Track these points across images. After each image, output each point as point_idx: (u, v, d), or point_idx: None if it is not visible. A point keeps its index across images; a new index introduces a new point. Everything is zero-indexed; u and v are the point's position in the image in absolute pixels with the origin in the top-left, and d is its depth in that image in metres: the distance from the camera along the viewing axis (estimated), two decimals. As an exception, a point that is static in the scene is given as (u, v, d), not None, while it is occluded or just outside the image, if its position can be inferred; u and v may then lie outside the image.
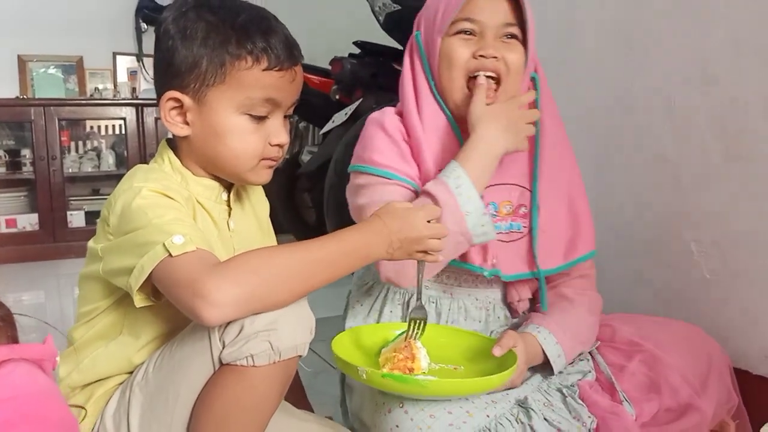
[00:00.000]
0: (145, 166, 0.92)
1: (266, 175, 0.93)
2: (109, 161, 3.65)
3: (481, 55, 1.00)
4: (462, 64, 1.02)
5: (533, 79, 1.08)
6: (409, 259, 0.88)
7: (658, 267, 1.46)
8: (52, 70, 3.70)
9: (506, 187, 1.08)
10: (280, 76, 0.86)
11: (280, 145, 0.90)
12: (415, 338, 0.93)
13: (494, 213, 1.07)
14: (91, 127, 3.74)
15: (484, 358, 0.97)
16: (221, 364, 0.78)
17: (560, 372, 1.04)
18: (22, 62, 3.61)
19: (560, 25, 1.70)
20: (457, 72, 1.02)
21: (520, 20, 1.01)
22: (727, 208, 1.30)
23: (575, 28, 1.66)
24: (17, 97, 3.50)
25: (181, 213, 0.82)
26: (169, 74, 0.87)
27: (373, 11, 2.43)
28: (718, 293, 1.33)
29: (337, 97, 2.76)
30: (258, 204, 1.05)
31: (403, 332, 0.96)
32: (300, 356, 0.80)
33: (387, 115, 1.08)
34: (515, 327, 1.08)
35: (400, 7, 2.22)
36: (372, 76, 2.61)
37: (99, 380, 0.90)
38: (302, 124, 3.79)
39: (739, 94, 1.26)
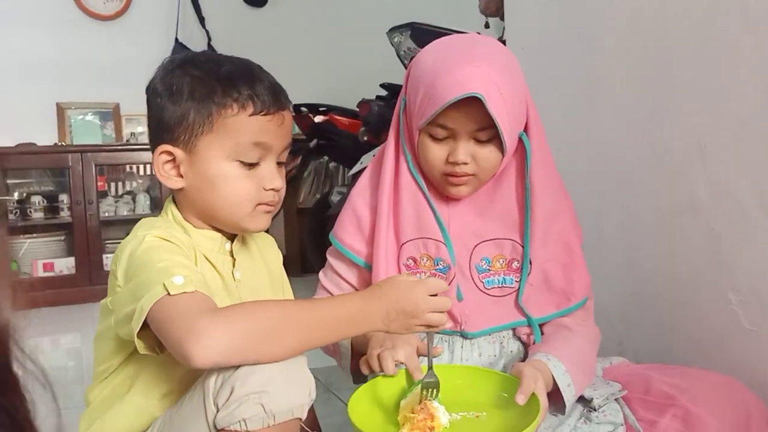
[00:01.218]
0: (150, 219, 0.94)
1: (264, 221, 0.93)
2: (143, 204, 3.72)
3: (452, 162, 1.04)
4: (436, 166, 1.06)
5: (522, 140, 1.09)
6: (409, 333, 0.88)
7: (694, 317, 1.40)
8: (89, 117, 3.81)
9: (498, 242, 1.12)
10: (267, 121, 0.88)
11: (274, 190, 0.91)
12: (430, 400, 0.91)
13: (487, 268, 1.11)
14: (130, 168, 3.82)
15: (505, 401, 0.95)
16: (216, 429, 0.77)
17: (587, 417, 1.02)
18: (60, 110, 3.73)
19: (584, 68, 1.68)
20: (433, 170, 1.07)
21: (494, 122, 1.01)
22: (766, 255, 1.25)
23: (600, 74, 1.64)
24: (56, 144, 3.61)
25: (185, 258, 0.83)
26: (160, 130, 0.89)
27: (398, 55, 2.47)
28: (759, 345, 1.27)
29: (365, 138, 2.79)
30: (268, 253, 1.05)
31: (419, 382, 0.94)
32: (300, 419, 0.78)
33: (358, 188, 1.18)
34: (525, 359, 1.08)
35: (424, 52, 2.23)
36: (398, 118, 2.63)
37: None
38: (332, 165, 3.83)
39: (772, 138, 1.22)
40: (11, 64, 3.59)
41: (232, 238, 0.96)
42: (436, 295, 0.87)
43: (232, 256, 0.96)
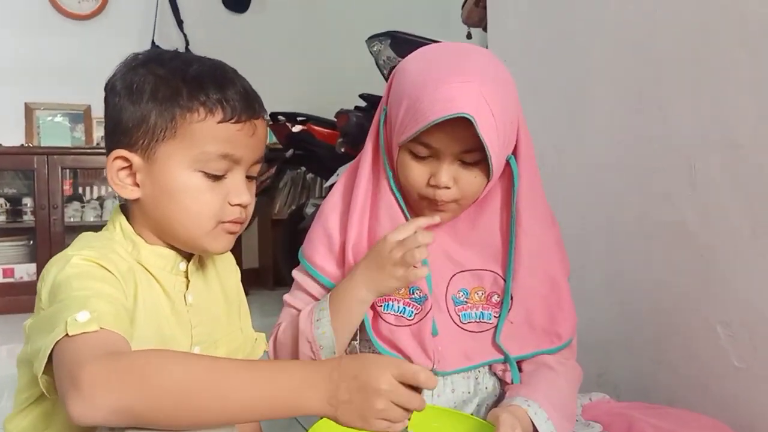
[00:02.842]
0: (91, 233, 0.84)
1: (225, 242, 0.83)
2: (111, 210, 3.59)
3: (434, 185, 0.95)
4: (416, 187, 0.97)
5: (509, 163, 1.00)
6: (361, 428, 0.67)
7: (680, 352, 1.32)
8: (59, 119, 3.69)
9: (478, 273, 1.03)
10: (237, 129, 0.79)
11: (241, 206, 0.82)
12: None
13: (465, 300, 1.02)
14: (99, 173, 3.70)
15: None
16: None
17: None
18: (29, 110, 3.60)
19: (569, 82, 1.61)
20: (413, 192, 0.99)
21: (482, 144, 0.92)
22: (758, 287, 1.17)
23: (585, 86, 1.57)
24: (22, 145, 3.48)
25: (111, 287, 0.73)
26: (117, 133, 0.80)
27: (377, 64, 2.39)
28: (748, 383, 1.18)
29: (343, 149, 2.71)
30: (225, 273, 0.95)
31: None
32: None
33: (330, 204, 1.08)
34: (502, 398, 1.00)
35: (403, 61, 2.16)
36: (377, 129, 2.56)
37: None
38: (310, 176, 3.74)
39: (765, 162, 1.15)
40: (-22, 61, 3.47)
41: (188, 256, 0.87)
42: (412, 387, 0.67)
43: (187, 277, 0.86)
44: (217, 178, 0.80)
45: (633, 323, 1.42)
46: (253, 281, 3.90)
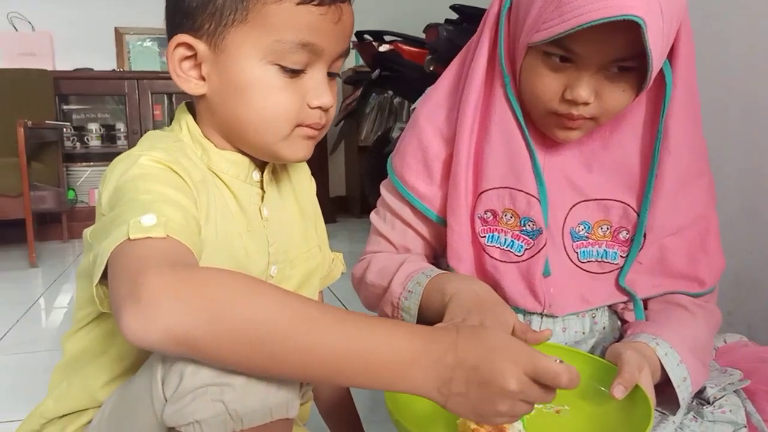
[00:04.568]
0: (158, 132, 0.73)
1: (304, 149, 0.71)
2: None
3: (570, 99, 0.76)
4: (546, 100, 0.79)
5: (662, 69, 0.80)
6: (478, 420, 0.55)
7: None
8: (148, 43, 3.70)
9: (604, 204, 0.85)
10: (320, 14, 0.65)
11: (321, 108, 0.69)
12: None
13: (585, 235, 0.86)
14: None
15: (597, 393, 0.72)
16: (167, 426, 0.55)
17: (698, 413, 0.79)
18: (119, 35, 3.62)
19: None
20: (540, 106, 0.80)
21: (641, 51, 0.70)
22: None
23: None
24: (113, 70, 3.52)
25: (182, 194, 0.62)
26: (179, 15, 0.67)
27: (472, -32, 2.18)
28: None
29: (432, 68, 2.53)
30: (300, 185, 0.83)
31: None
32: (289, 419, 0.56)
33: (428, 111, 0.92)
34: (621, 339, 0.83)
35: (502, -40, 1.93)
36: (470, 44, 2.36)
37: (74, 413, 0.71)
38: (397, 101, 3.60)
39: None
40: (70, -14, 3.51)
41: (262, 165, 0.75)
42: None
43: (262, 188, 0.75)
44: (295, 73, 0.67)
45: (774, 255, 1.23)
46: (340, 209, 3.86)
